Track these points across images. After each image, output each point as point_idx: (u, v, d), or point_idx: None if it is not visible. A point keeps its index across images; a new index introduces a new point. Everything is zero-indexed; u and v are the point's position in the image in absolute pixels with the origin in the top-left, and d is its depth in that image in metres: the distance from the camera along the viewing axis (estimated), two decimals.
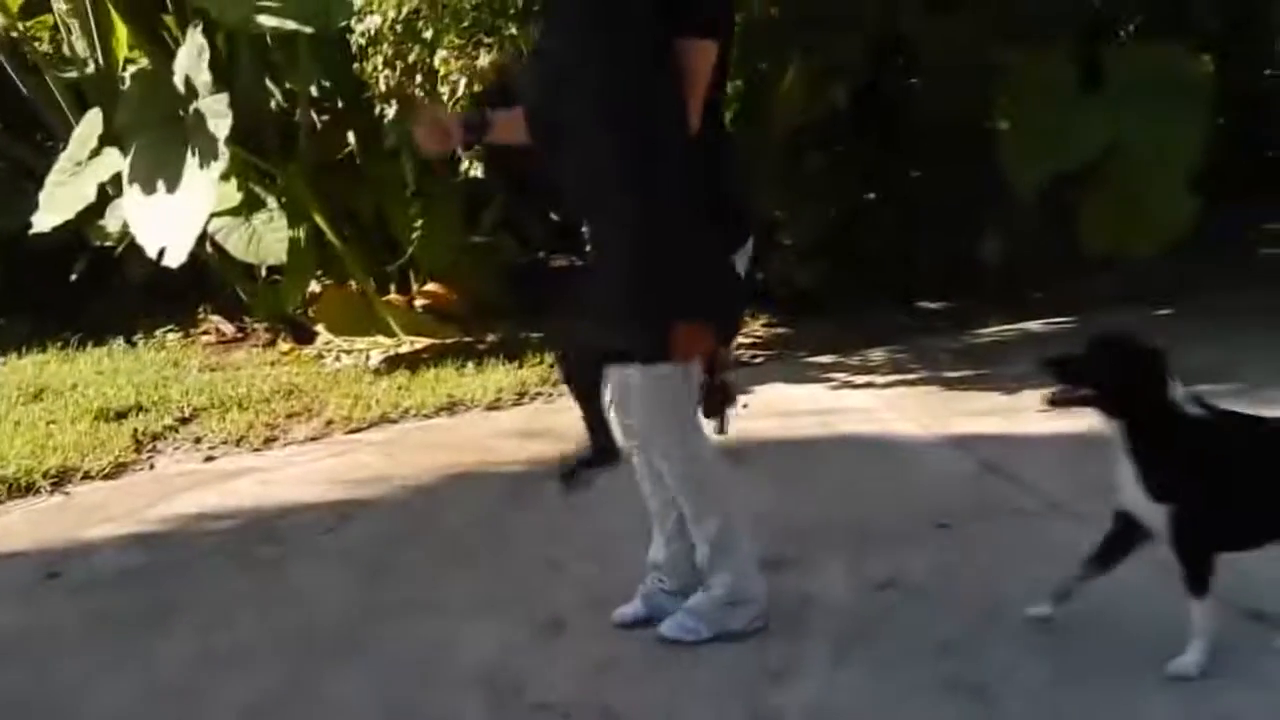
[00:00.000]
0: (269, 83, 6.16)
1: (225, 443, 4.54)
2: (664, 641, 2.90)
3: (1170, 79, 5.30)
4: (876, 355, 5.48)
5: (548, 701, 2.70)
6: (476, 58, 4.18)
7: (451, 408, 4.84)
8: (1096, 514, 3.28)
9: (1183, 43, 5.98)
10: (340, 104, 6.24)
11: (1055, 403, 2.73)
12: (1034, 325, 5.82)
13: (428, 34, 4.26)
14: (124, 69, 6.61)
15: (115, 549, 3.66)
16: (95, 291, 6.68)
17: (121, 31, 6.49)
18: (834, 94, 5.59)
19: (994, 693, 2.67)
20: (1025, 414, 4.17)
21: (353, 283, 6.06)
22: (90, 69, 6.51)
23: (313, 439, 4.58)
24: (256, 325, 6.27)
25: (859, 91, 5.86)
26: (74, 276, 6.58)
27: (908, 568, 3.28)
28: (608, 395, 2.81)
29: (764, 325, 5.71)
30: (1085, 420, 3.47)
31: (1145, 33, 6.69)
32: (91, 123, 5.89)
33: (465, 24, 4.20)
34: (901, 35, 5.86)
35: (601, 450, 2.76)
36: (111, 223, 6.23)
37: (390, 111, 4.66)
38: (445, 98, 4.30)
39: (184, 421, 4.74)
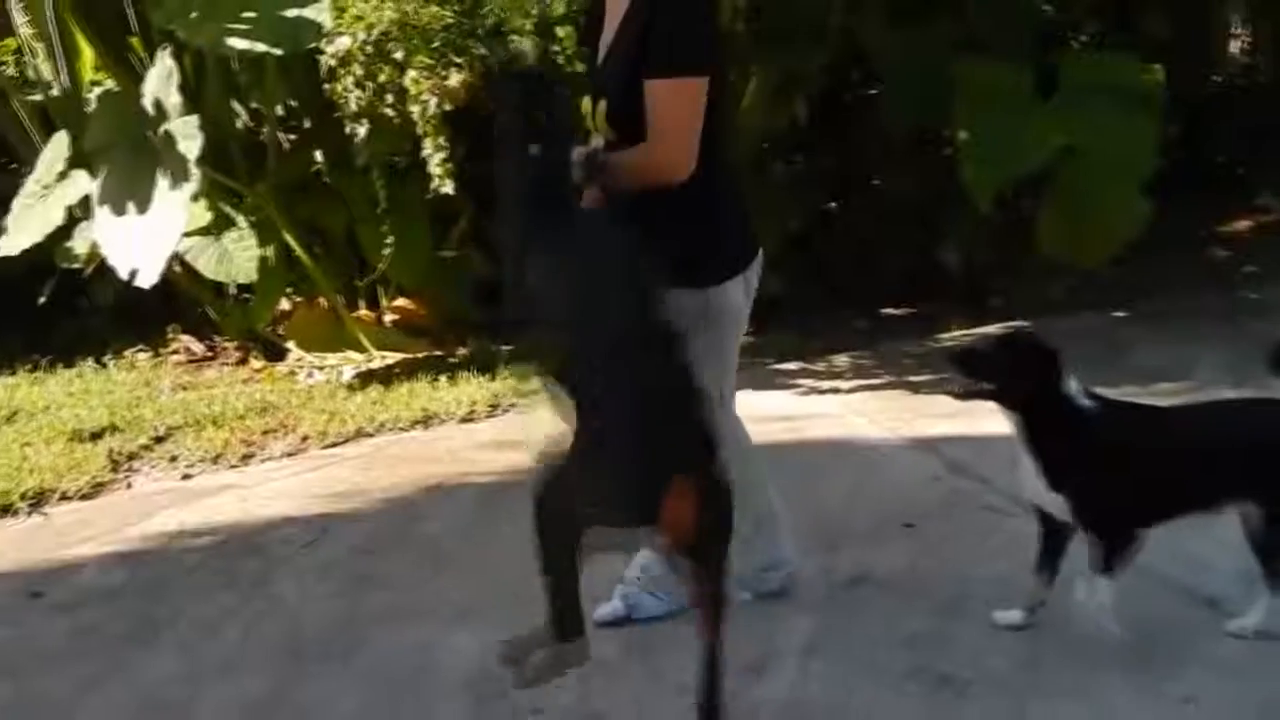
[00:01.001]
0: (234, 103, 6.21)
1: (202, 460, 4.55)
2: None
3: (1121, 87, 5.42)
4: (841, 361, 5.57)
5: (534, 707, 2.76)
6: (446, 77, 4.26)
7: (426, 421, 4.88)
8: None
9: (1133, 51, 6.14)
10: (307, 123, 6.30)
11: (960, 396, 2.86)
12: (995, 329, 5.93)
13: (398, 55, 4.33)
14: (90, 91, 6.65)
15: (97, 567, 3.68)
16: (63, 314, 6.66)
17: (87, 54, 6.50)
18: (796, 105, 5.70)
19: (961, 681, 2.77)
20: (987, 415, 4.23)
21: (322, 300, 6.11)
22: (55, 91, 6.52)
23: (289, 455, 4.61)
24: (226, 344, 6.27)
25: (821, 102, 5.98)
26: (42, 299, 6.57)
27: (877, 565, 3.38)
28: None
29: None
30: None
31: (1098, 42, 6.85)
32: (59, 145, 5.89)
33: (435, 44, 4.28)
34: (862, 47, 5.98)
35: (564, 635, 2.41)
36: (79, 245, 6.23)
37: (361, 131, 4.71)
38: (416, 117, 4.38)
39: (159, 440, 4.74)
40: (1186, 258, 7.11)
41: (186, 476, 4.46)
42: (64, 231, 5.99)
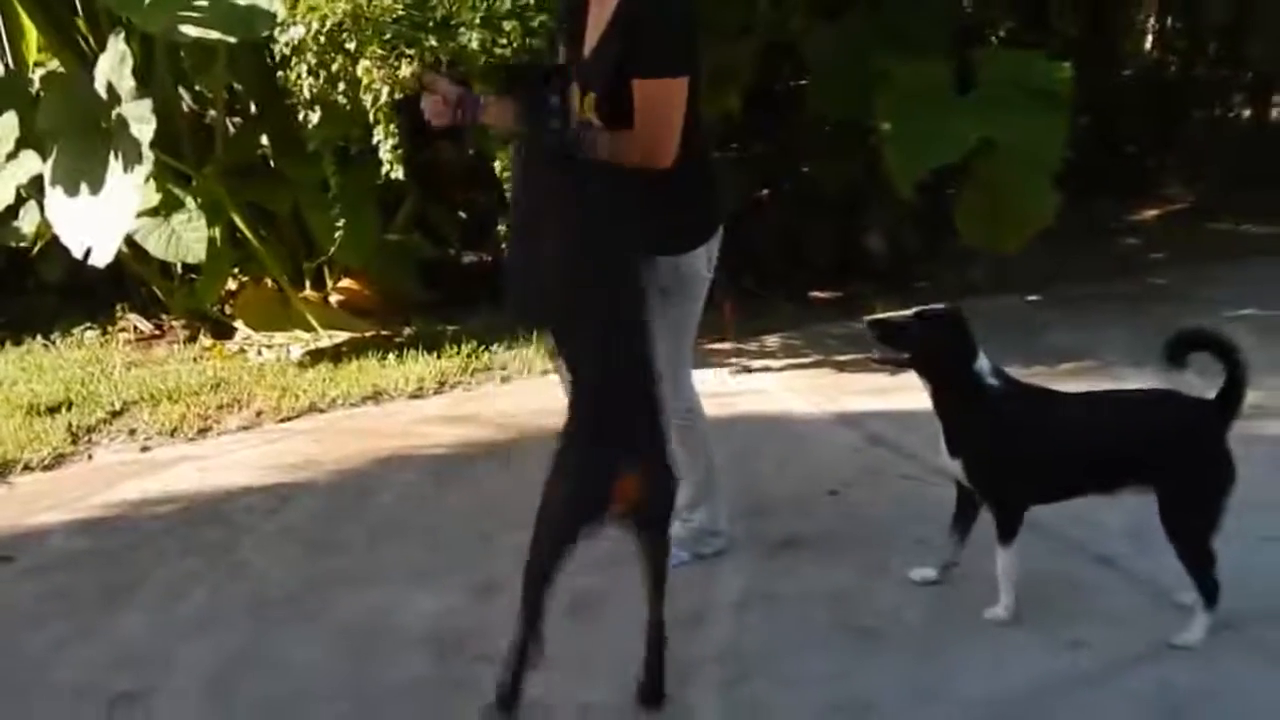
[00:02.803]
0: (179, 87, 6.29)
1: (160, 434, 4.68)
2: None
3: (1033, 82, 5.60)
4: (772, 342, 5.82)
5: (486, 653, 2.97)
6: (398, 68, 4.40)
7: (376, 397, 5.05)
8: None
9: (1045, 48, 6.42)
10: (253, 107, 6.42)
11: (878, 361, 3.08)
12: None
13: (350, 45, 4.46)
14: (33, 72, 6.70)
15: (64, 534, 3.82)
16: (9, 292, 6.73)
17: (31, 35, 6.56)
18: (730, 96, 5.87)
19: (881, 633, 3.05)
20: (907, 392, 4.47)
21: (269, 280, 6.24)
22: (0, 72, 6.58)
23: (245, 429, 4.75)
24: (174, 323, 6.38)
25: (752, 94, 6.17)
26: None
27: (803, 529, 3.64)
28: None
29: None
30: None
31: (1012, 39, 7.12)
32: (7, 126, 5.93)
33: (387, 36, 4.42)
34: (791, 41, 6.17)
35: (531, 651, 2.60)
36: (25, 224, 6.31)
37: (314, 117, 4.84)
38: (368, 105, 4.53)
39: (116, 415, 4.85)
40: (1098, 245, 7.45)
41: (145, 449, 4.58)
42: (10, 211, 6.07)
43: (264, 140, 6.27)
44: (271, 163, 6.23)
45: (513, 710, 2.59)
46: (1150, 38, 8.83)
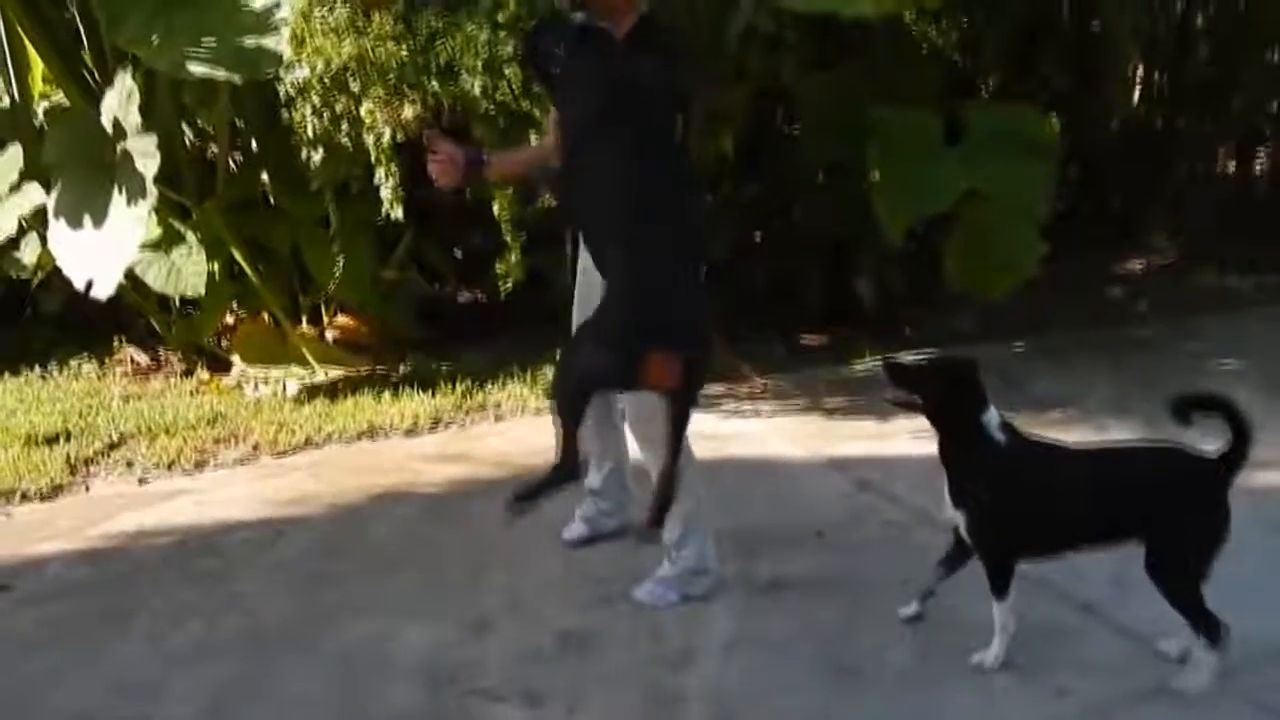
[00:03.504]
0: (181, 122, 6.38)
1: (157, 466, 4.74)
2: (641, 606, 3.44)
3: (1022, 136, 5.69)
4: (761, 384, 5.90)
5: (478, 687, 3.06)
6: (401, 110, 4.51)
7: (372, 433, 5.11)
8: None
9: (1034, 101, 6.54)
10: (254, 144, 6.51)
11: (891, 402, 3.12)
12: (905, 358, 6.29)
13: (355, 87, 4.56)
14: (38, 104, 6.79)
15: (62, 563, 3.89)
16: (6, 323, 6.79)
17: (37, 68, 6.66)
18: (724, 140, 5.96)
19: (866, 672, 3.10)
20: (895, 437, 4.61)
21: (265, 315, 6.31)
22: (4, 103, 6.67)
23: (241, 462, 4.81)
24: (170, 355, 6.44)
25: (745, 139, 6.26)
26: None
27: (790, 570, 3.69)
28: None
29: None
30: None
31: (1001, 92, 7.24)
32: (11, 157, 6.04)
33: (391, 79, 4.52)
34: (784, 89, 6.28)
35: (571, 469, 3.05)
36: (27, 255, 6.38)
37: (317, 156, 4.93)
38: (370, 145, 4.63)
39: (113, 447, 4.92)
40: (1083, 295, 7.51)
41: (143, 481, 4.65)
42: (11, 242, 6.14)
43: (264, 176, 6.36)
44: (271, 199, 6.32)
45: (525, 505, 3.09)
46: (1137, 91, 8.97)
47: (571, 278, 3.60)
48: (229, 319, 6.46)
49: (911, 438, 4.68)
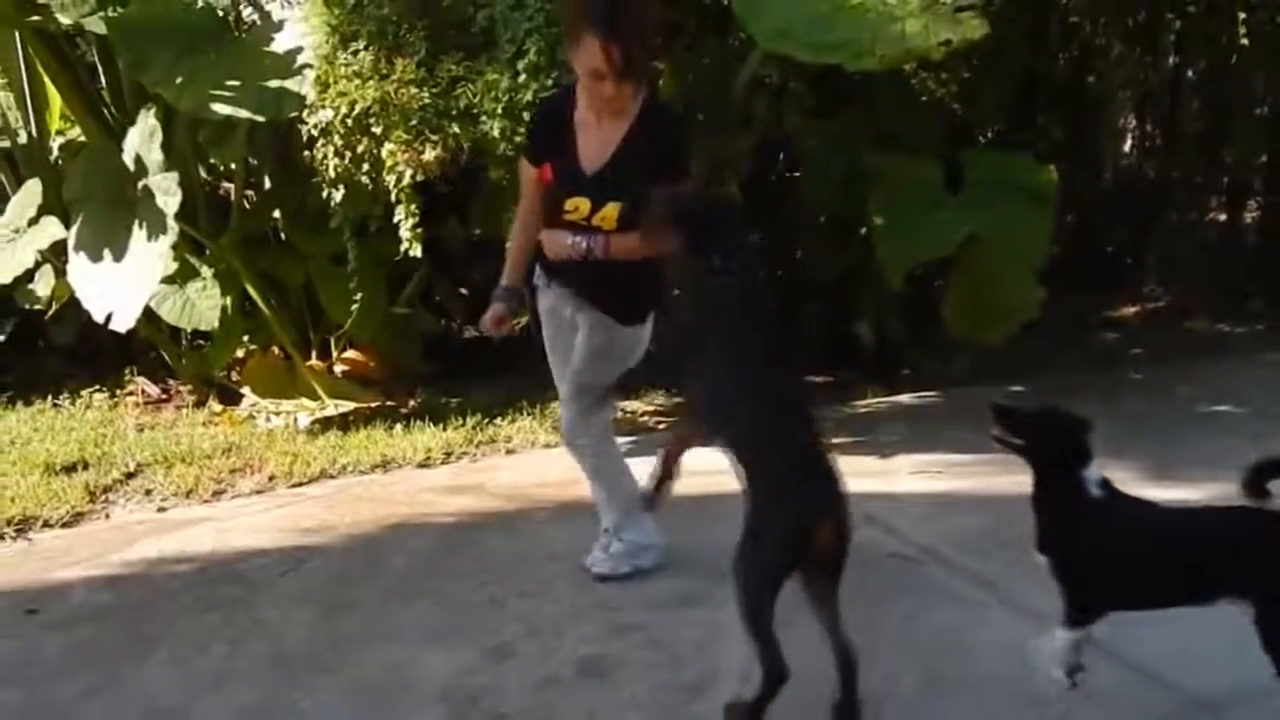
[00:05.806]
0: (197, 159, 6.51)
1: (175, 495, 4.83)
2: (597, 578, 3.82)
3: (1020, 183, 5.82)
4: None
5: (500, 712, 3.14)
6: (422, 152, 4.64)
7: (385, 465, 5.21)
8: (960, 560, 3.86)
9: (1032, 150, 6.68)
10: (268, 181, 6.64)
11: (994, 439, 3.08)
12: (905, 398, 6.38)
13: (377, 129, 4.69)
14: (54, 139, 6.93)
15: (86, 589, 3.97)
16: (20, 353, 6.88)
17: (55, 105, 6.80)
18: (727, 185, 6.08)
19: (878, 699, 3.17)
20: (898, 475, 4.71)
21: (276, 348, 6.41)
22: (22, 139, 6.80)
23: (258, 492, 4.90)
24: (181, 387, 6.54)
25: (748, 183, 6.39)
26: (1, 338, 6.78)
27: (798, 603, 3.79)
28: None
29: (665, 395, 6.19)
30: (946, 482, 4.03)
31: (1000, 140, 7.40)
32: (30, 191, 6.16)
33: (413, 122, 4.66)
34: (787, 136, 6.41)
35: (780, 673, 2.99)
36: (41, 287, 6.49)
37: (337, 195, 5.06)
38: (390, 185, 4.76)
39: (131, 475, 5.01)
40: (1078, 339, 7.64)
41: (162, 509, 4.74)
42: (27, 274, 6.25)
43: (276, 214, 6.48)
44: (284, 235, 6.44)
45: None
46: (1130, 141, 9.16)
47: (536, 325, 3.82)
48: (239, 352, 6.57)
49: (913, 476, 4.79)
